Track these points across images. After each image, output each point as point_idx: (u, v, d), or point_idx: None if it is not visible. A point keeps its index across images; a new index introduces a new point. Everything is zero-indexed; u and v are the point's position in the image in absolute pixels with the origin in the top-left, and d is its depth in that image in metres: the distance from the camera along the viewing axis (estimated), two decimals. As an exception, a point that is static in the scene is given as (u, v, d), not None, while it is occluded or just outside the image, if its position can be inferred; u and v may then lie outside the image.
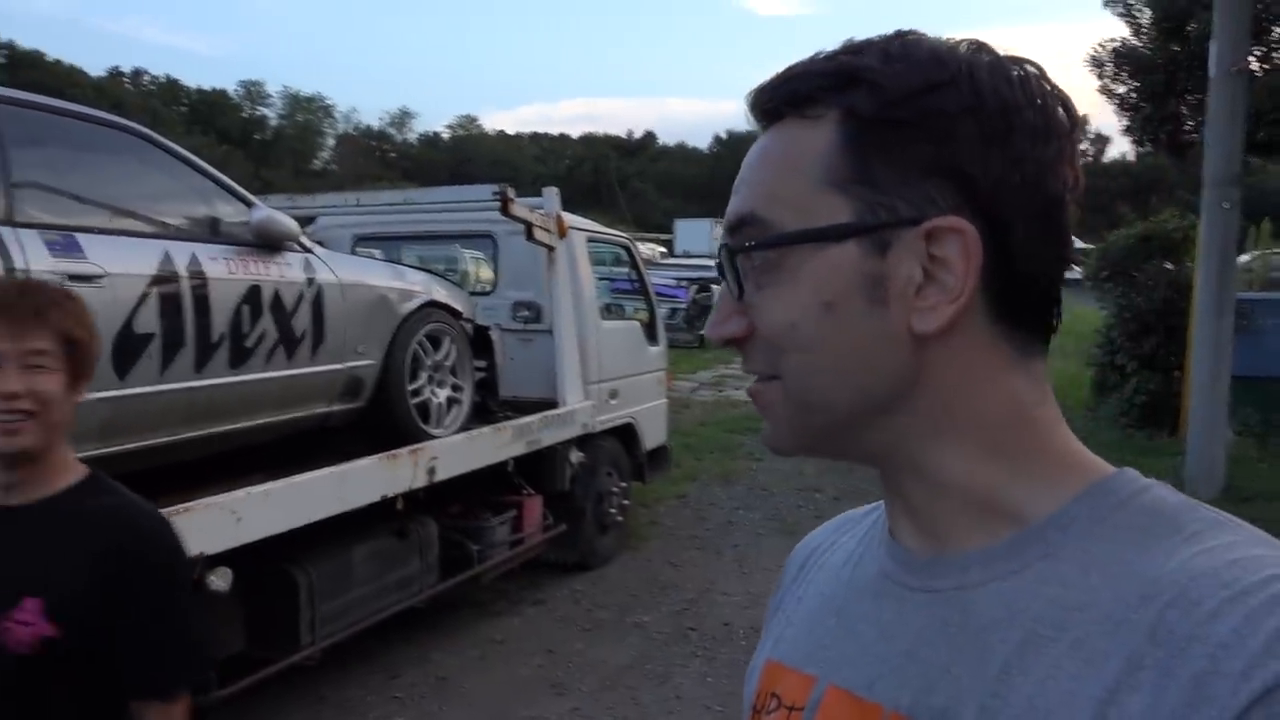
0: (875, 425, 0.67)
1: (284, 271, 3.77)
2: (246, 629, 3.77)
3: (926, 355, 0.65)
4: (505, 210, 5.14)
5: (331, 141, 79.05)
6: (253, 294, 3.59)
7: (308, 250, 3.97)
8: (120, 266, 3.09)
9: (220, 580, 3.22)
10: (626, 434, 6.59)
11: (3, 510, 1.52)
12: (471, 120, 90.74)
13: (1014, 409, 0.68)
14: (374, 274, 4.38)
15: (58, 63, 56.36)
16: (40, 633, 1.43)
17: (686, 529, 7.05)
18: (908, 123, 0.63)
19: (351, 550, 4.17)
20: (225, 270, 3.49)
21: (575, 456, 5.72)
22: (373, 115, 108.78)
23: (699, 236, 35.12)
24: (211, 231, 3.57)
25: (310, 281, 3.89)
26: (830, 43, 0.68)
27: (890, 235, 0.64)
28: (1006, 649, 0.61)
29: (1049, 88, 0.66)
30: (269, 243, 3.72)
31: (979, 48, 0.66)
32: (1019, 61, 0.66)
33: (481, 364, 5.09)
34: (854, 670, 0.69)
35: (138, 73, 69.57)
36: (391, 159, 78.25)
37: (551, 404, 5.59)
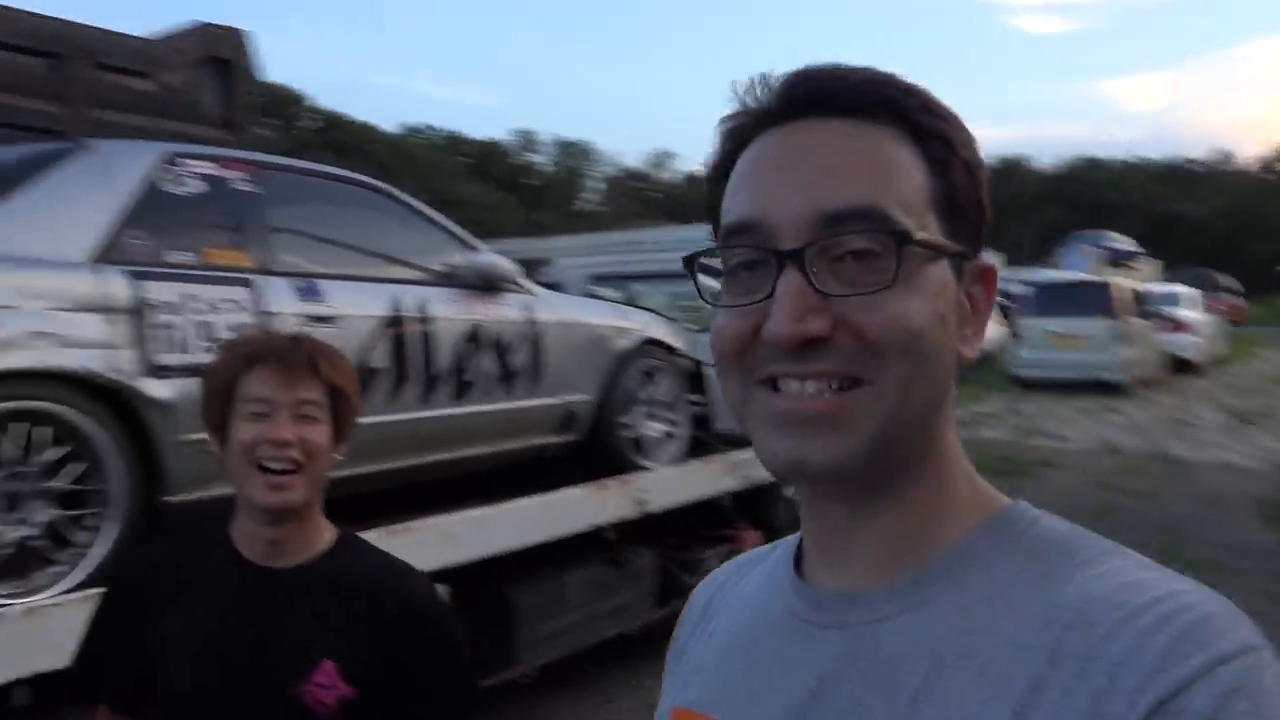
0: (912, 446, 0.68)
1: (504, 311, 4.04)
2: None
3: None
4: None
5: (596, 184, 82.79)
6: (474, 332, 3.88)
7: (527, 291, 4.24)
8: (354, 309, 3.45)
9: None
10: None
11: (273, 573, 1.53)
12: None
13: (956, 450, 0.72)
14: (592, 313, 4.59)
15: (357, 123, 62.62)
16: (340, 694, 1.47)
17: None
18: (972, 166, 0.69)
19: (566, 576, 4.36)
20: (449, 310, 3.80)
21: (790, 492, 5.70)
22: (635, 157, 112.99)
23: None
24: (438, 275, 3.90)
25: (529, 320, 4.15)
26: (1101, 60, 0.71)
27: (963, 264, 0.68)
28: (915, 679, 0.63)
29: None
30: (490, 284, 4.01)
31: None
32: None
33: (698, 399, 5.20)
34: (763, 710, 0.71)
35: (427, 128, 76.05)
36: (653, 198, 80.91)
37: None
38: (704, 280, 0.74)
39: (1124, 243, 23.66)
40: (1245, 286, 38.94)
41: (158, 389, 2.86)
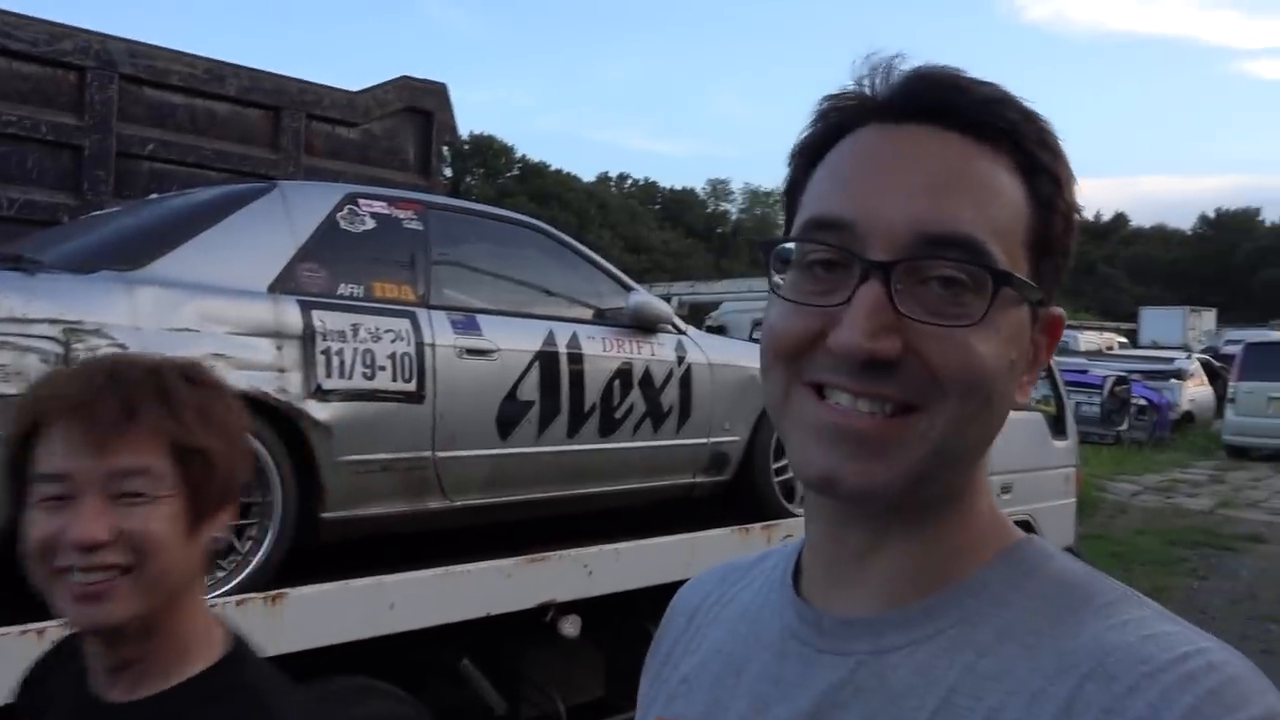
0: (949, 482, 0.66)
1: (655, 350, 4.12)
2: (606, 678, 4.10)
3: None
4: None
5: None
6: (624, 370, 3.97)
7: (680, 331, 4.31)
8: (510, 343, 3.61)
9: (570, 627, 3.55)
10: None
11: (107, 708, 1.11)
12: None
13: (985, 483, 0.70)
14: (745, 355, 4.61)
15: (557, 171, 65.08)
16: None
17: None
18: (1072, 212, 0.67)
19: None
20: (601, 348, 3.90)
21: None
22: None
23: (1170, 326, 31.71)
24: (592, 313, 4.02)
25: (680, 360, 4.20)
26: None
27: (1039, 311, 0.67)
28: (922, 716, 0.61)
29: None
30: (643, 324, 4.10)
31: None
32: None
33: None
34: None
35: (621, 176, 78.17)
36: (843, 248, 79.84)
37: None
38: (776, 268, 0.69)
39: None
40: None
41: (320, 411, 3.07)
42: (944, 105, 0.64)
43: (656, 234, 62.00)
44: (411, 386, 3.30)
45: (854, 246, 0.62)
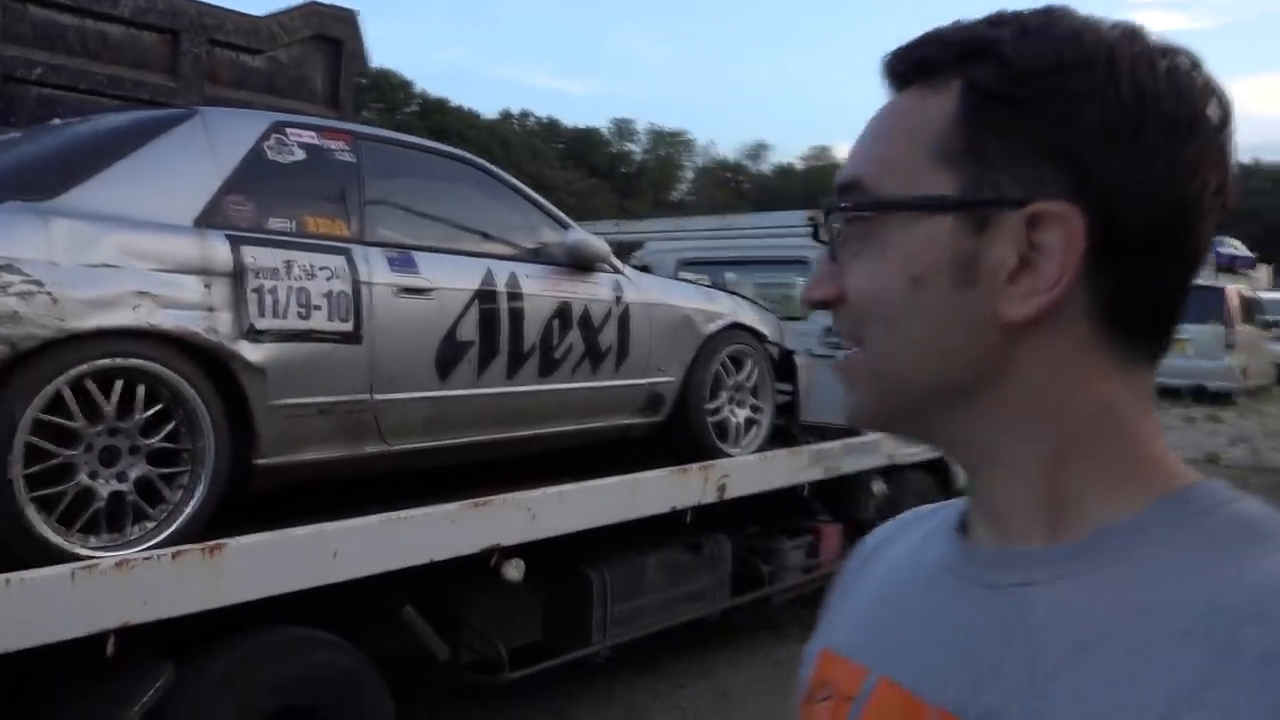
0: (956, 411, 0.65)
1: (594, 290, 4.04)
2: (543, 620, 4.07)
3: (1015, 345, 0.63)
4: (817, 236, 5.13)
5: (690, 174, 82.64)
6: (563, 310, 3.88)
7: (617, 271, 4.23)
8: (447, 281, 3.48)
9: (514, 571, 3.50)
10: (940, 469, 6.33)
11: None
12: (824, 150, 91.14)
13: (1105, 414, 0.64)
14: (680, 295, 4.56)
15: (458, 108, 63.55)
16: None
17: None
18: (1029, 101, 0.61)
19: (645, 558, 4.36)
20: (539, 287, 3.81)
21: (878, 487, 5.60)
22: (730, 148, 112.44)
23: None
24: (530, 252, 3.92)
25: (618, 300, 4.14)
26: (1230, 61, 0.66)
27: (990, 214, 0.62)
28: (1061, 649, 0.58)
29: (1201, 81, 0.61)
30: (581, 263, 4.01)
31: (1128, 31, 0.63)
32: (1171, 50, 0.62)
33: (785, 388, 5.13)
34: (905, 664, 0.68)
35: (524, 114, 76.79)
36: (746, 190, 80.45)
37: (858, 431, 5.50)
38: None
39: (1240, 249, 22.66)
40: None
41: (253, 352, 2.92)
42: (901, 64, 0.67)
43: (560, 173, 61.21)
44: (348, 326, 3.16)
45: None
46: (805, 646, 0.82)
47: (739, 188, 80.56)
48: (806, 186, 77.32)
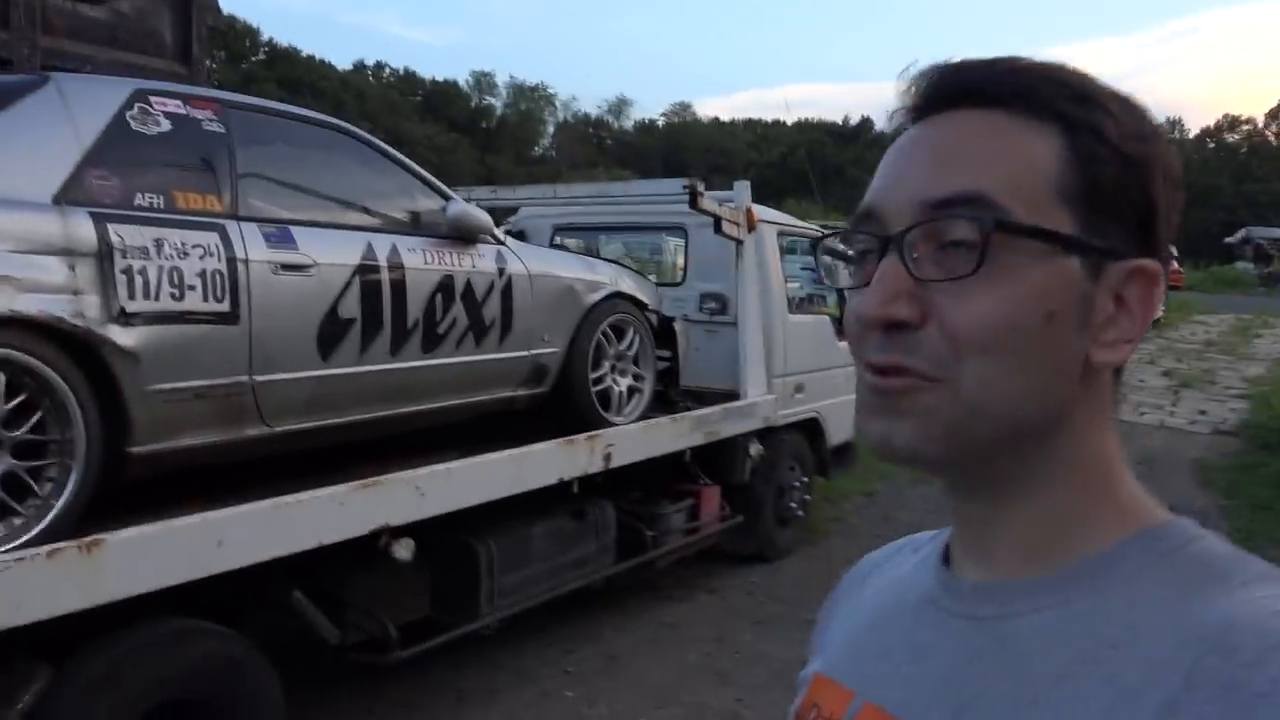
0: (1017, 453, 0.66)
1: (476, 262, 3.99)
2: (431, 596, 4.05)
3: (1080, 390, 0.66)
4: (694, 204, 5.22)
5: (551, 129, 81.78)
6: (446, 283, 3.82)
7: (500, 242, 4.18)
8: (327, 257, 3.38)
9: (403, 550, 3.46)
10: (812, 429, 6.55)
11: None
12: (686, 107, 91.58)
13: (1109, 456, 0.70)
14: (562, 265, 4.55)
15: (310, 58, 60.97)
16: None
17: (871, 528, 6.93)
18: (1134, 161, 0.65)
19: (531, 528, 4.37)
20: (422, 260, 3.73)
21: (755, 449, 5.75)
22: (591, 103, 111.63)
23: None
24: (411, 224, 3.83)
25: (501, 272, 4.10)
26: (1061, 25, 0.68)
27: (1105, 263, 0.65)
28: (1041, 681, 0.62)
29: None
30: (463, 235, 3.95)
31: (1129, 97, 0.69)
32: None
33: (665, 354, 5.20)
34: (890, 690, 0.71)
35: (379, 65, 74.27)
36: (608, 146, 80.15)
37: (735, 396, 5.63)
38: (825, 260, 0.76)
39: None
40: (1184, 252, 39.74)
41: (124, 336, 2.78)
42: (961, 87, 0.66)
43: (419, 128, 59.59)
44: (224, 306, 3.04)
45: (879, 230, 0.66)
46: (799, 673, 0.85)
47: (601, 144, 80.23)
48: (669, 143, 77.61)
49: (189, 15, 6.03)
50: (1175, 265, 34.79)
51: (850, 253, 0.71)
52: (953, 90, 0.67)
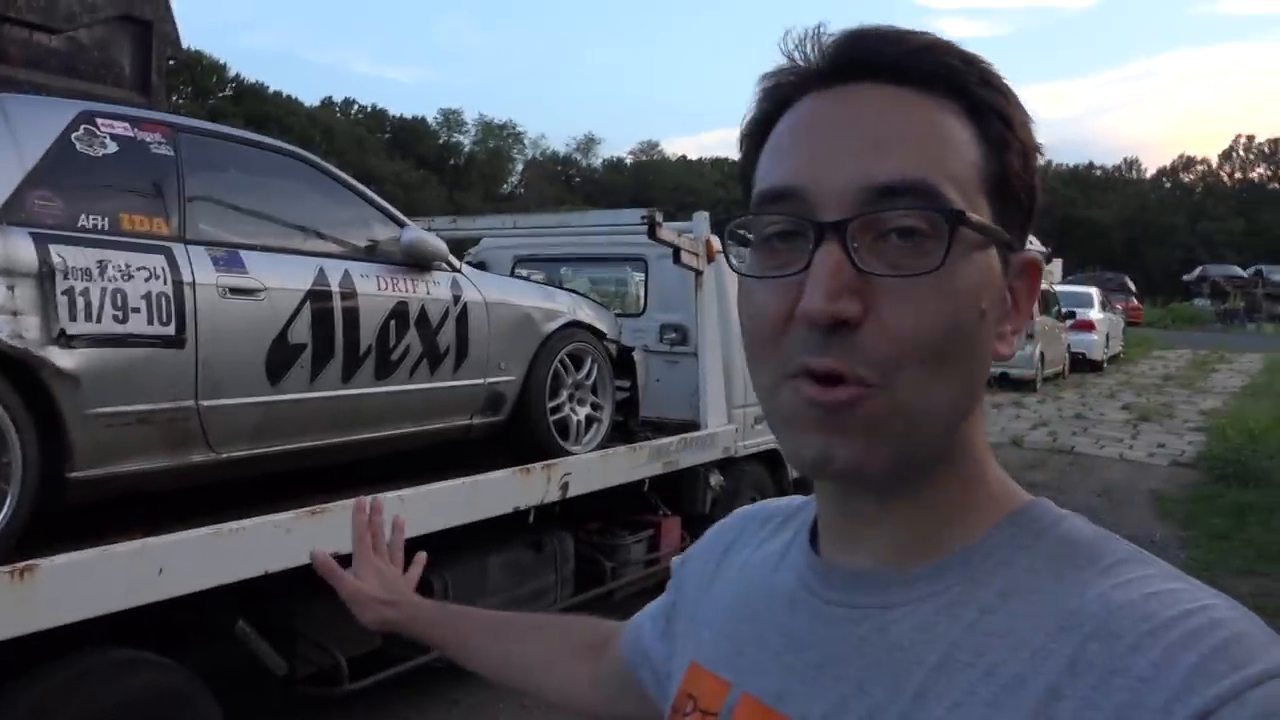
0: (942, 445, 0.65)
1: (431, 289, 3.97)
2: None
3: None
4: (653, 234, 5.23)
5: (520, 167, 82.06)
6: (400, 310, 3.79)
7: (455, 269, 4.17)
8: (278, 281, 3.34)
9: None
10: (773, 459, 6.53)
11: None
12: (653, 146, 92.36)
13: (983, 444, 0.69)
14: (519, 294, 4.54)
15: (277, 94, 60.92)
16: None
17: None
18: (1029, 149, 0.65)
19: (488, 559, 4.31)
20: (375, 287, 3.71)
21: (716, 480, 5.73)
22: (560, 141, 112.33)
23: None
24: (364, 250, 3.81)
25: (456, 299, 4.07)
26: (1022, 67, 0.68)
27: (1010, 256, 0.65)
28: (923, 671, 0.61)
29: None
30: (418, 262, 3.93)
31: None
32: None
33: (624, 384, 5.18)
34: (767, 680, 0.70)
35: (347, 102, 74.34)
36: (576, 184, 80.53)
37: (695, 426, 5.62)
38: (733, 249, 0.71)
39: (1038, 244, 24.40)
40: (1143, 289, 40.46)
41: (64, 359, 2.73)
42: (878, 59, 0.63)
43: (387, 164, 59.60)
44: (170, 330, 2.99)
45: (806, 212, 0.61)
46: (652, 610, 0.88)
47: (569, 181, 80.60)
48: (637, 180, 78.14)
49: (148, 46, 6.00)
50: (1134, 301, 35.47)
51: (750, 236, 0.67)
52: (867, 62, 0.63)
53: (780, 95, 0.67)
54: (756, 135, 0.68)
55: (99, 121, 3.06)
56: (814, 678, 0.66)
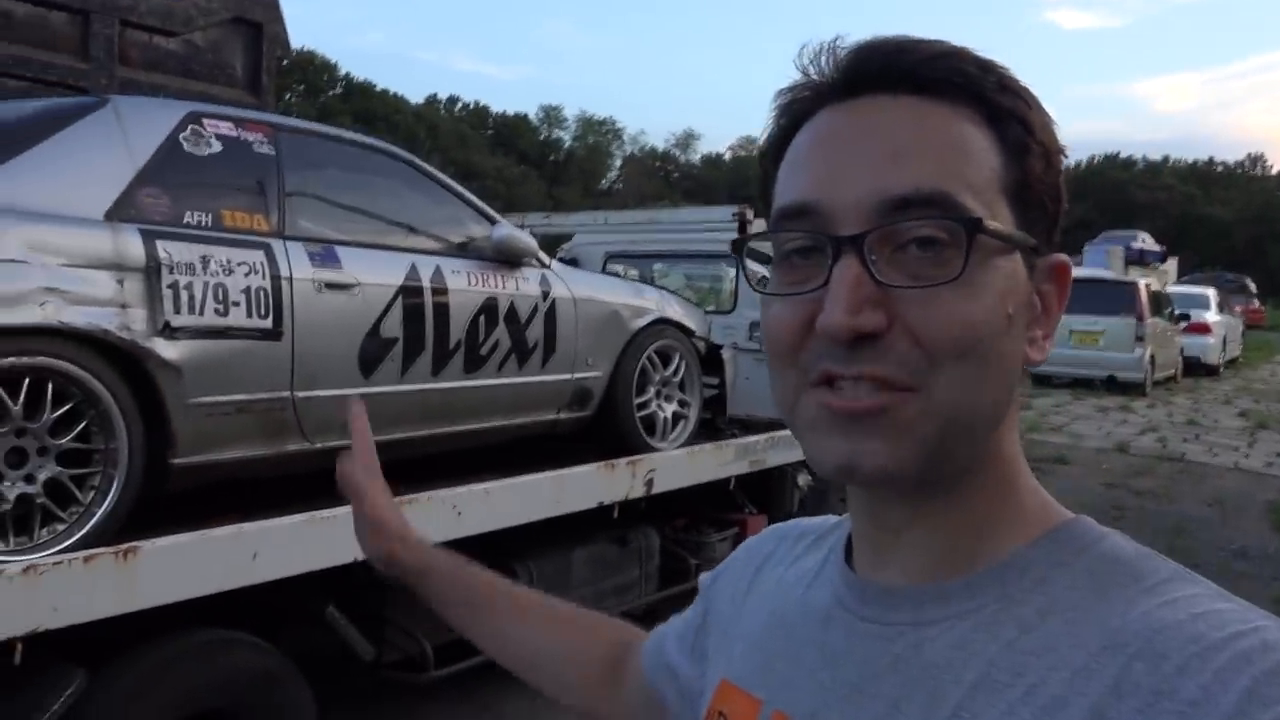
0: (972, 452, 0.64)
1: (520, 285, 4.02)
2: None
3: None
4: (743, 231, 5.21)
5: (619, 163, 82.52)
6: (490, 305, 3.85)
7: (545, 266, 4.21)
8: (371, 277, 3.43)
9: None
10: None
11: None
12: (752, 141, 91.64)
13: (1016, 456, 0.68)
14: (607, 290, 4.56)
15: (384, 92, 62.49)
16: None
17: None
18: (1051, 152, 0.64)
19: (573, 553, 4.35)
20: (465, 282, 3.77)
21: (804, 479, 5.67)
22: (659, 137, 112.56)
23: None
24: (456, 246, 3.88)
25: (545, 295, 4.12)
26: (1137, 59, 0.69)
27: (1034, 259, 0.64)
28: (959, 690, 0.60)
29: None
30: (508, 258, 3.98)
31: None
32: None
33: (712, 381, 5.17)
34: (799, 698, 0.69)
35: (451, 99, 75.80)
36: (674, 179, 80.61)
37: (783, 425, 5.56)
38: (752, 266, 0.71)
39: (1152, 243, 23.45)
40: (1266, 289, 38.57)
41: (168, 350, 2.84)
42: (892, 70, 0.63)
43: (489, 160, 60.66)
44: (268, 323, 3.10)
45: (823, 227, 0.61)
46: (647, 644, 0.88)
47: (668, 177, 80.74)
48: (735, 176, 77.79)
49: (259, 48, 6.22)
50: (1255, 303, 33.82)
51: (774, 252, 0.66)
52: (882, 73, 0.63)
53: (796, 110, 0.67)
54: (775, 152, 0.68)
55: (205, 122, 3.18)
56: (848, 696, 0.65)
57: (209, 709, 2.90)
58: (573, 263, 6.13)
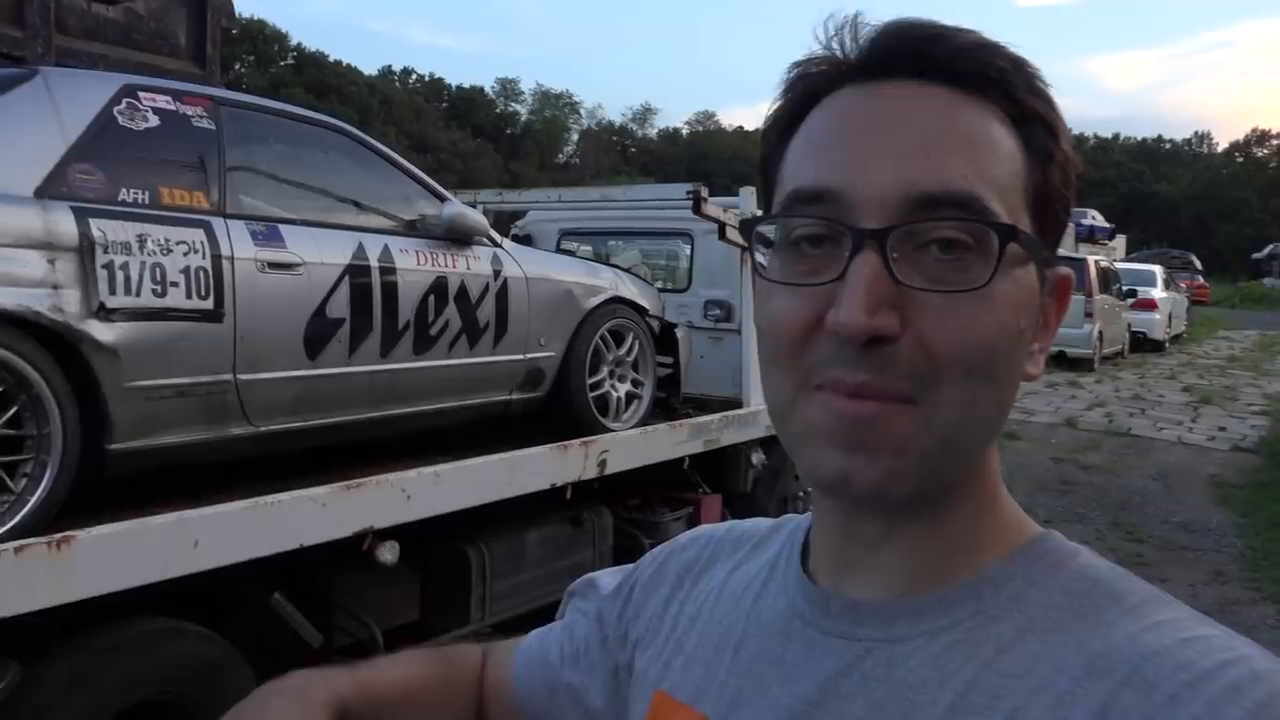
0: (964, 468, 0.61)
1: (471, 264, 3.95)
2: (421, 600, 4.01)
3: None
4: (698, 209, 5.16)
5: (576, 136, 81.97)
6: (440, 285, 3.79)
7: (496, 244, 4.15)
8: (316, 256, 3.35)
9: (388, 554, 3.42)
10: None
11: None
12: (710, 116, 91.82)
13: (996, 470, 0.66)
14: (560, 269, 4.51)
15: (337, 63, 61.39)
16: None
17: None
18: (1069, 162, 0.61)
19: (526, 533, 4.32)
20: (414, 262, 3.70)
21: (757, 458, 5.68)
22: (616, 111, 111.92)
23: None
24: (405, 225, 3.80)
25: (497, 274, 4.06)
26: (1088, 35, 0.66)
27: (1047, 273, 0.62)
28: (935, 712, 0.57)
29: None
30: (459, 236, 3.91)
31: None
32: None
33: (666, 361, 5.14)
34: (750, 715, 0.65)
35: (406, 71, 74.70)
36: (632, 154, 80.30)
37: (737, 404, 5.57)
38: (759, 252, 0.66)
39: (1099, 220, 23.81)
40: (1211, 266, 39.37)
41: (104, 332, 2.76)
42: (924, 57, 0.59)
43: (444, 133, 59.97)
44: (208, 304, 3.01)
45: (843, 217, 0.57)
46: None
47: (625, 152, 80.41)
48: (692, 152, 77.63)
49: (204, 16, 6.05)
50: (1200, 279, 34.53)
51: (779, 237, 0.62)
52: (911, 58, 0.59)
53: (813, 86, 0.62)
54: (783, 129, 0.64)
55: (141, 95, 3.07)
56: (808, 714, 0.62)
57: (153, 699, 2.83)
58: (526, 240, 6.06)
